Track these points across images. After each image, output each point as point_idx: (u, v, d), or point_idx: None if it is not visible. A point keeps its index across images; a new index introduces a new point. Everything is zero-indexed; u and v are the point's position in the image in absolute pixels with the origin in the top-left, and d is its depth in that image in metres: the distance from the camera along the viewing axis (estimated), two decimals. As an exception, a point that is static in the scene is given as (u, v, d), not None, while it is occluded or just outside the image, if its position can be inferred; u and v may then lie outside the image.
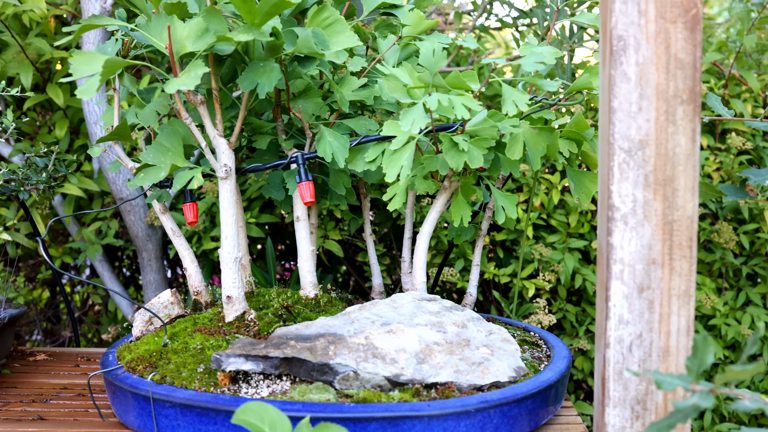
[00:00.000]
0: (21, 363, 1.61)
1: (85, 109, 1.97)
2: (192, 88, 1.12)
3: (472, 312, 1.33)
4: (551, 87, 1.19)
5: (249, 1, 1.14)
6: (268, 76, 1.22)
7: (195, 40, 1.17)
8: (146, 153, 1.30)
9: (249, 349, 1.18)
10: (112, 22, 1.19)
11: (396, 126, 1.23)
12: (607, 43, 1.01)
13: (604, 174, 1.05)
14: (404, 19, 1.42)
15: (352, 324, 1.25)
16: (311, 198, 1.30)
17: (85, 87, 1.09)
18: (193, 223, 1.37)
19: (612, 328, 1.03)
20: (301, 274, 1.40)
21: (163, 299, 1.39)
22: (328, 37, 1.25)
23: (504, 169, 1.33)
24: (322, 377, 1.16)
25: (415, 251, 1.38)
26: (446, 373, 1.17)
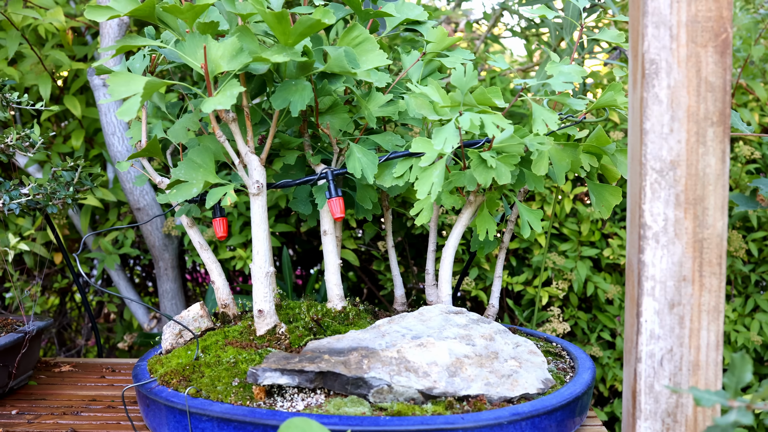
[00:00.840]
0: (46, 374, 1.63)
1: (102, 120, 1.98)
2: (228, 108, 1.15)
3: (498, 324, 1.36)
4: (579, 106, 1.22)
5: (284, 22, 1.16)
6: (301, 95, 1.25)
7: (230, 59, 1.19)
8: (178, 169, 1.32)
9: (284, 363, 1.20)
10: (147, 42, 1.21)
11: (425, 143, 1.25)
12: (639, 66, 1.04)
13: (635, 193, 1.08)
14: (428, 36, 1.44)
15: (383, 337, 1.27)
16: (341, 213, 1.32)
17: (125, 108, 1.11)
18: (222, 237, 1.40)
19: (644, 342, 1.06)
20: (329, 287, 1.43)
21: (192, 312, 1.41)
22: (358, 55, 1.27)
23: (529, 184, 1.36)
24: (356, 390, 1.18)
25: (441, 264, 1.41)
26: (477, 386, 1.20)
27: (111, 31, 1.96)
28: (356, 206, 1.48)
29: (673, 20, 1.01)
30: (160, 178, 1.45)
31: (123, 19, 1.96)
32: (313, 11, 1.36)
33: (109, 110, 1.98)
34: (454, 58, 1.42)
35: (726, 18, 1.01)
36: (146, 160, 1.45)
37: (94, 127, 2.16)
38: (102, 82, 1.97)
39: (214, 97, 1.16)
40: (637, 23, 1.05)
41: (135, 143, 1.47)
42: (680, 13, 1.01)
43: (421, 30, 1.46)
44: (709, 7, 1.01)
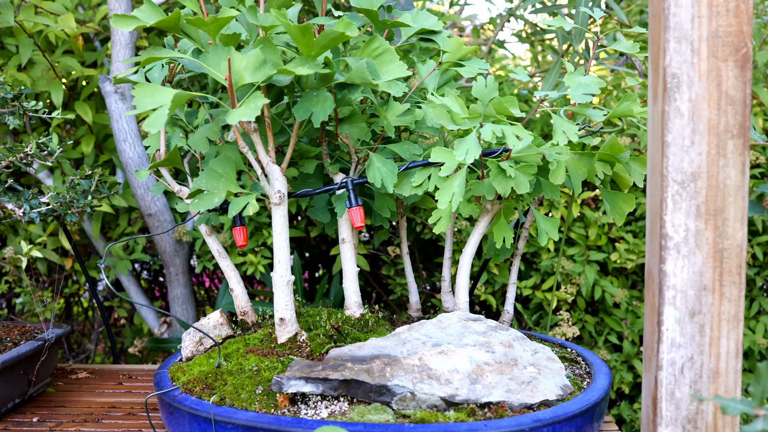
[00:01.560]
0: (63, 381, 1.64)
1: (114, 127, 1.99)
2: (252, 119, 1.16)
3: (516, 331, 1.38)
4: (598, 117, 1.24)
5: (308, 35, 1.18)
6: (323, 106, 1.26)
7: (253, 71, 1.21)
8: (199, 179, 1.34)
9: (307, 371, 1.22)
10: (172, 55, 1.22)
11: (444, 152, 1.27)
12: (660, 80, 1.06)
13: (655, 203, 1.10)
14: (444, 46, 1.46)
15: (404, 345, 1.29)
16: (362, 222, 1.34)
17: (152, 120, 1.12)
18: (243, 246, 1.41)
19: (665, 350, 1.08)
20: (347, 294, 1.44)
21: (212, 320, 1.42)
22: (378, 66, 1.29)
23: (546, 193, 1.37)
24: (379, 398, 1.20)
25: (458, 272, 1.43)
26: (498, 393, 1.22)
27: (123, 38, 1.97)
28: (374, 214, 1.50)
29: (695, 35, 1.03)
30: (179, 186, 1.47)
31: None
32: (331, 22, 1.38)
33: (121, 116, 1.99)
34: (470, 67, 1.44)
35: (746, 33, 1.03)
36: (164, 168, 1.47)
37: (103, 133, 2.16)
38: (114, 88, 1.98)
39: (239, 108, 1.18)
40: (658, 37, 1.07)
41: (153, 152, 1.48)
42: (701, 28, 1.03)
43: (436, 39, 1.48)
44: (729, 23, 1.03)
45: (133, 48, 1.99)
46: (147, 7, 1.25)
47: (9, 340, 1.47)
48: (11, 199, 1.40)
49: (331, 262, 2.34)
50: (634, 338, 2.13)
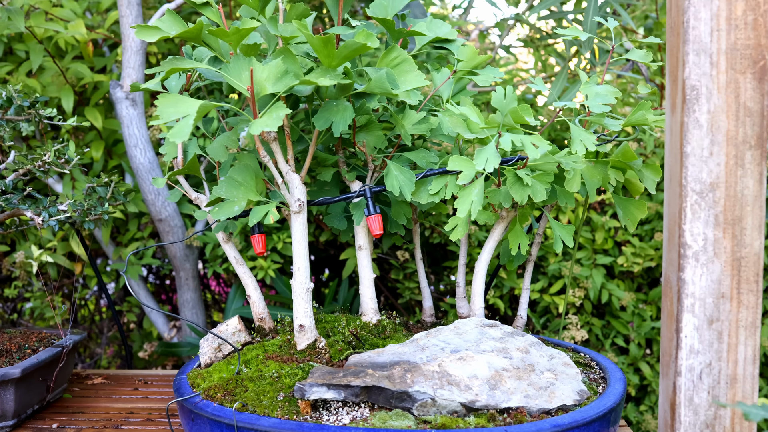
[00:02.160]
0: (80, 387, 1.65)
1: (124, 132, 2.00)
2: (275, 129, 1.17)
3: (531, 336, 1.40)
4: (615, 126, 1.26)
5: (329, 46, 1.19)
6: (343, 115, 1.28)
7: (275, 81, 1.22)
8: (219, 187, 1.35)
9: (329, 378, 1.23)
10: (194, 65, 1.23)
11: (462, 161, 1.29)
12: (679, 92, 1.08)
13: (674, 213, 1.12)
14: (458, 54, 1.47)
15: (423, 351, 1.31)
16: (380, 230, 1.36)
17: (177, 130, 1.14)
18: (261, 253, 1.42)
19: (683, 357, 1.10)
20: (364, 301, 1.46)
21: (231, 327, 1.44)
22: (397, 76, 1.30)
23: (560, 200, 1.39)
24: (400, 404, 1.22)
25: (474, 278, 1.45)
26: (517, 398, 1.23)
27: (134, 44, 1.98)
28: (389, 221, 1.51)
29: (713, 48, 1.05)
30: (196, 194, 1.48)
31: (145, 32, 1.98)
32: (348, 32, 1.39)
33: (131, 122, 2.00)
34: (485, 76, 1.45)
35: (764, 46, 1.05)
36: (182, 177, 1.48)
37: (113, 138, 2.17)
38: (125, 94, 1.99)
39: (261, 119, 1.19)
40: (676, 50, 1.09)
41: (170, 160, 1.49)
42: (720, 41, 1.05)
43: (450, 48, 1.49)
44: (747, 36, 1.05)
45: (144, 54, 2.00)
46: (169, 18, 1.26)
47: (27, 347, 1.48)
48: (30, 207, 1.41)
49: (337, 265, 2.35)
50: (640, 341, 2.15)
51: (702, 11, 1.04)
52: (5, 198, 1.41)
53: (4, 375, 1.34)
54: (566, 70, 2.04)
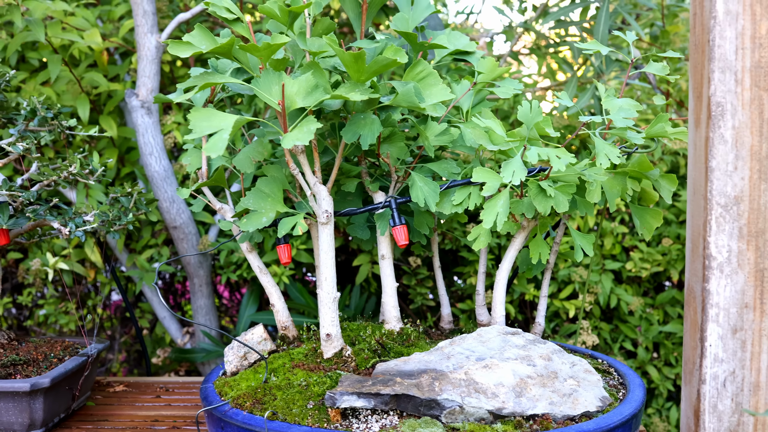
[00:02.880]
0: (102, 394, 1.66)
1: (140, 141, 2.02)
2: (306, 143, 1.20)
3: (552, 344, 1.43)
4: (638, 140, 1.29)
5: (360, 61, 1.22)
6: (370, 128, 1.30)
7: (305, 96, 1.25)
8: (246, 199, 1.37)
9: (358, 386, 1.26)
10: (225, 80, 1.25)
11: (486, 173, 1.32)
12: (704, 108, 1.11)
13: (698, 225, 1.15)
14: (479, 66, 1.50)
15: (448, 359, 1.33)
16: (406, 241, 1.38)
17: (211, 144, 1.16)
18: (287, 263, 1.45)
19: (708, 365, 1.13)
20: (386, 309, 1.48)
21: (256, 335, 1.46)
22: (422, 89, 1.33)
23: (580, 210, 1.42)
24: (429, 412, 1.24)
25: (495, 287, 1.47)
26: (542, 405, 1.26)
27: (149, 53, 2.00)
28: (412, 231, 1.54)
29: (738, 66, 1.08)
30: (220, 204, 1.50)
31: (160, 41, 2.00)
32: (371, 46, 1.42)
33: (147, 131, 2.01)
34: (505, 88, 1.48)
35: (787, 64, 1.08)
36: (207, 187, 1.50)
37: (126, 146, 2.19)
38: (140, 103, 2.00)
39: (292, 132, 1.21)
40: (701, 67, 1.12)
41: (194, 170, 1.51)
42: (744, 59, 1.08)
43: (470, 60, 1.52)
44: (771, 54, 1.08)
45: (158, 63, 2.02)
46: (199, 33, 1.28)
47: (53, 356, 1.50)
48: (57, 218, 1.43)
49: (348, 271, 2.37)
50: (647, 345, 2.19)
51: (727, 30, 1.07)
52: (33, 209, 1.42)
53: (34, 385, 1.36)
54: (575, 78, 2.07)
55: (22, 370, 1.42)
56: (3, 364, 1.42)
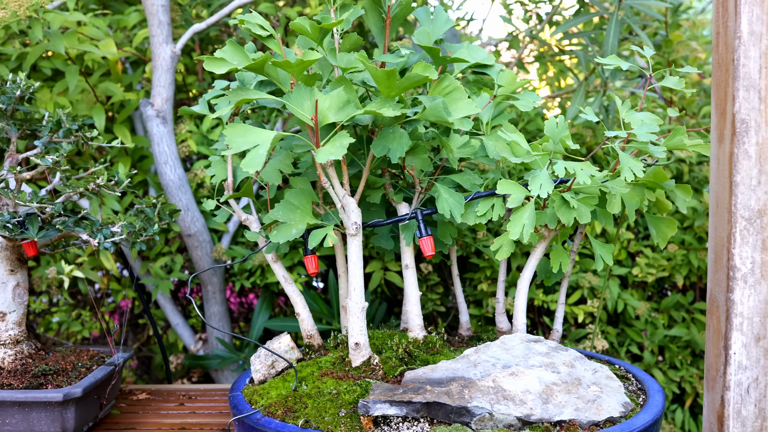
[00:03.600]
0: (125, 402, 1.68)
1: (155, 150, 2.04)
2: (340, 158, 1.23)
3: (574, 351, 1.46)
4: (660, 154, 1.33)
5: (392, 78, 1.25)
6: (399, 142, 1.33)
7: (337, 111, 1.28)
8: (275, 211, 1.40)
9: (390, 394, 1.29)
10: (260, 96, 1.28)
11: (511, 185, 1.35)
12: (728, 124, 1.15)
13: (721, 237, 1.19)
14: (498, 79, 1.54)
15: (475, 367, 1.37)
16: (432, 251, 1.41)
17: (249, 160, 1.18)
18: (314, 273, 1.47)
19: (732, 373, 1.17)
20: (410, 317, 1.51)
21: (283, 344, 1.49)
22: (448, 104, 1.36)
23: (600, 220, 1.46)
24: (459, 419, 1.28)
25: (516, 295, 1.51)
26: (568, 412, 1.30)
27: (164, 63, 2.02)
28: (435, 241, 1.57)
29: (762, 84, 1.12)
30: (245, 215, 1.53)
31: (175, 51, 2.02)
32: (395, 60, 1.45)
33: (162, 140, 2.03)
34: (525, 101, 1.52)
35: (809, 82, 1.12)
36: (233, 199, 1.52)
37: (138, 154, 2.21)
38: (155, 112, 2.02)
39: (325, 147, 1.24)
40: (725, 85, 1.16)
41: (218, 181, 1.54)
42: (768, 77, 1.12)
43: (489, 73, 1.56)
44: (793, 73, 1.12)
45: (173, 73, 2.04)
46: (232, 49, 1.31)
47: (81, 366, 1.52)
48: (85, 229, 1.45)
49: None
50: (653, 348, 2.23)
51: (751, 50, 1.11)
52: (62, 221, 1.44)
53: (67, 395, 1.38)
54: (584, 87, 2.11)
55: (52, 380, 1.44)
56: (34, 374, 1.44)
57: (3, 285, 1.50)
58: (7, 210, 1.48)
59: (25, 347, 1.52)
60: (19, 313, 1.52)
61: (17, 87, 1.55)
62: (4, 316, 1.49)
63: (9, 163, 1.55)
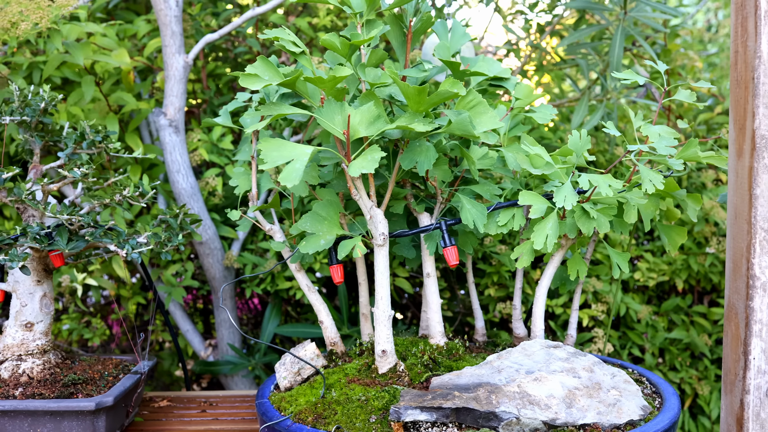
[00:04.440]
0: (147, 410, 1.71)
1: (167, 159, 2.06)
2: (372, 171, 1.26)
3: (592, 356, 1.51)
4: (678, 166, 1.38)
5: (422, 94, 1.29)
6: (426, 155, 1.37)
7: (368, 125, 1.31)
8: (303, 222, 1.43)
9: (420, 400, 1.33)
10: (293, 111, 1.31)
11: (532, 196, 1.40)
12: (748, 140, 1.20)
13: (740, 247, 1.24)
14: (516, 92, 1.58)
15: (499, 373, 1.41)
16: (456, 260, 1.45)
17: (286, 175, 1.22)
18: (340, 282, 1.51)
19: (751, 377, 1.23)
20: (431, 324, 1.55)
21: (309, 352, 1.52)
22: (473, 117, 1.40)
23: (615, 230, 1.51)
24: (487, 423, 1.32)
25: (535, 302, 1.55)
26: (591, 415, 1.35)
27: (177, 73, 2.04)
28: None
29: (780, 101, 1.18)
30: (269, 225, 1.56)
31: (187, 61, 2.04)
32: (419, 75, 1.49)
33: (174, 149, 2.06)
34: (541, 114, 1.56)
35: (824, 100, 1.18)
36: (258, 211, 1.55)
37: (147, 162, 2.23)
38: (168, 122, 2.05)
39: (357, 161, 1.28)
40: (744, 102, 1.21)
41: (242, 192, 1.57)
42: (786, 95, 1.18)
43: (506, 86, 1.60)
44: (810, 91, 1.18)
45: (185, 82, 2.06)
46: (263, 65, 1.34)
47: (108, 375, 1.54)
48: (113, 240, 1.47)
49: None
50: (654, 351, 2.29)
51: (771, 69, 1.17)
52: (91, 232, 1.46)
53: (99, 403, 1.40)
54: (587, 97, 2.17)
55: (81, 389, 1.46)
56: (64, 384, 1.46)
57: (31, 295, 1.52)
58: (35, 221, 1.50)
59: (52, 357, 1.54)
60: (46, 323, 1.54)
61: (42, 99, 1.57)
62: (32, 326, 1.51)
63: (34, 174, 1.57)
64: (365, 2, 1.42)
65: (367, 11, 1.43)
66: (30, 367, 1.49)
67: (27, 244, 1.42)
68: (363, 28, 1.43)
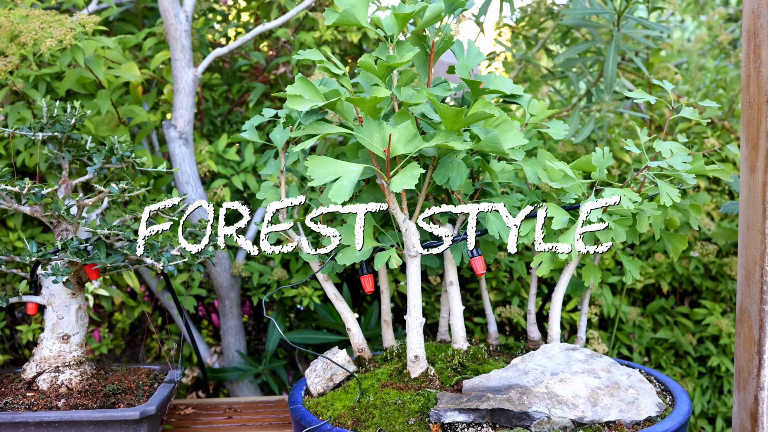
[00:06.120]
0: (174, 417, 1.75)
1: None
2: (412, 187, 1.34)
3: (608, 357, 1.61)
4: (691, 181, 1.48)
5: (459, 115, 1.37)
6: (458, 171, 1.45)
7: (405, 143, 1.38)
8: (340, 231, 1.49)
9: (456, 403, 1.40)
10: (337, 131, 1.37)
11: (554, 208, 1.49)
12: (761, 158, 1.31)
13: (754, 255, 1.35)
14: (530, 109, 1.67)
15: (526, 375, 1.50)
16: (483, 269, 1.54)
17: (335, 191, 1.28)
18: (370, 291, 1.58)
19: (765, 375, 1.34)
20: (455, 330, 1.63)
21: (340, 358, 1.58)
22: (499, 135, 1.49)
23: (628, 238, 1.61)
24: (520, 423, 1.40)
25: (551, 308, 1.65)
26: (614, 413, 1.44)
27: (186, 86, 2.08)
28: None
29: (791, 122, 1.29)
30: (297, 237, 1.61)
31: (197, 74, 2.08)
32: (444, 93, 1.56)
33: (183, 160, 2.09)
34: (555, 129, 1.66)
35: (830, 121, 1.30)
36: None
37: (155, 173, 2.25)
38: (178, 134, 2.08)
39: (398, 177, 1.35)
40: (756, 122, 1.32)
41: (267, 204, 1.62)
42: (796, 116, 1.29)
43: (520, 102, 1.69)
44: (817, 113, 1.29)
45: (194, 95, 2.10)
46: (303, 86, 1.40)
47: (143, 384, 1.58)
48: (150, 254, 1.51)
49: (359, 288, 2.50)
50: (641, 350, 2.42)
51: (783, 93, 1.28)
52: (128, 246, 1.50)
53: (143, 412, 1.44)
54: (579, 110, 2.27)
55: (121, 398, 1.50)
56: (105, 394, 1.50)
57: (67, 308, 1.55)
58: (73, 236, 1.53)
59: (88, 368, 1.57)
60: (81, 335, 1.57)
61: (72, 115, 1.60)
62: (68, 338, 1.54)
63: (65, 189, 1.60)
64: (396, 26, 1.49)
65: (397, 34, 1.51)
66: (68, 378, 1.52)
67: (67, 258, 1.46)
68: (395, 49, 1.50)
